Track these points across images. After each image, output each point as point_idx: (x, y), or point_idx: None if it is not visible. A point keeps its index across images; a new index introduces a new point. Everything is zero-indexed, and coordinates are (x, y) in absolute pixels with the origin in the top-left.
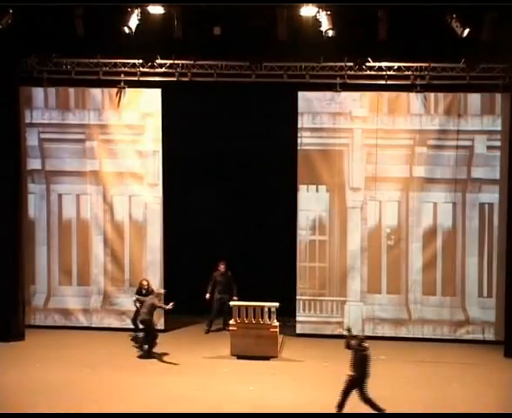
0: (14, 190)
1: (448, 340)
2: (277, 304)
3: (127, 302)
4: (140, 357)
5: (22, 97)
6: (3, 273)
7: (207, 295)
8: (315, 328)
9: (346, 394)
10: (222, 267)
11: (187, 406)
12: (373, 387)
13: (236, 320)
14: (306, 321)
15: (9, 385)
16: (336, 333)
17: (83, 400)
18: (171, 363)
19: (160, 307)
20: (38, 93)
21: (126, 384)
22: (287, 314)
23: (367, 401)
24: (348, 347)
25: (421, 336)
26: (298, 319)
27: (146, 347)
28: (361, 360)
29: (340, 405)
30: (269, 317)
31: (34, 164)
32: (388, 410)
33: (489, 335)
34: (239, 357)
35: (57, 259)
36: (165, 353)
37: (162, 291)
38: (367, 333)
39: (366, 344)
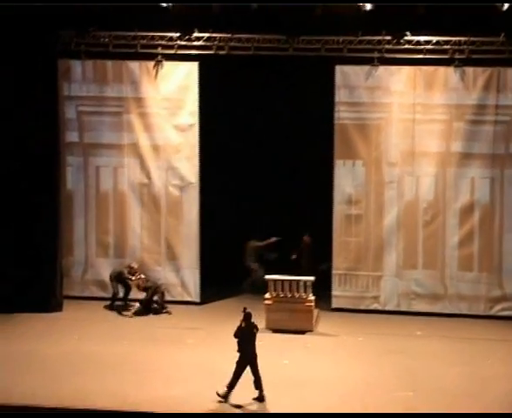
0: (52, 162)
1: (484, 317)
2: (312, 278)
3: (164, 274)
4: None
5: (60, 71)
6: (41, 244)
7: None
8: (351, 303)
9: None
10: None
11: (223, 379)
12: (408, 362)
13: (271, 294)
14: (341, 296)
15: (47, 356)
16: (372, 307)
17: (121, 372)
18: (206, 336)
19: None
20: (76, 66)
21: (163, 357)
22: (323, 289)
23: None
24: (238, 332)
25: (456, 312)
26: (333, 293)
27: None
28: (252, 336)
29: (231, 385)
30: (305, 291)
31: (72, 136)
32: (418, 387)
33: None
34: (274, 331)
35: (95, 232)
36: (201, 327)
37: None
38: (402, 309)
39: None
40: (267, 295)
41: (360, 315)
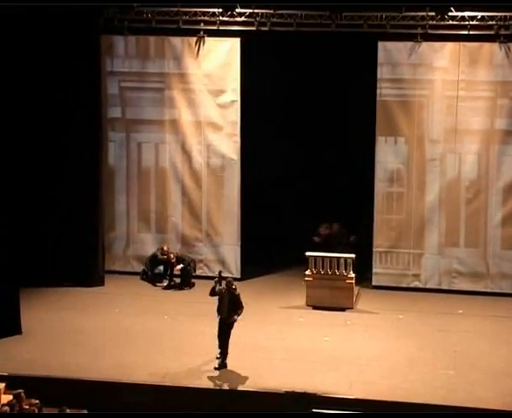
0: (95, 138)
1: None
2: (353, 255)
3: (205, 250)
4: None
5: (103, 46)
6: (84, 219)
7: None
8: (391, 280)
9: (222, 338)
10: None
11: (265, 354)
12: (449, 340)
13: (312, 271)
14: (382, 273)
15: (89, 329)
16: (412, 285)
17: (161, 346)
18: (247, 312)
19: None
20: (119, 42)
21: (204, 332)
22: (364, 266)
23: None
24: (213, 292)
25: (499, 291)
26: (374, 271)
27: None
28: (234, 300)
29: (223, 353)
30: (345, 268)
31: (114, 112)
32: (459, 365)
33: None
34: (315, 307)
35: (136, 207)
36: (244, 302)
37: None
38: (443, 287)
39: (234, 286)
40: (308, 272)
41: (401, 293)
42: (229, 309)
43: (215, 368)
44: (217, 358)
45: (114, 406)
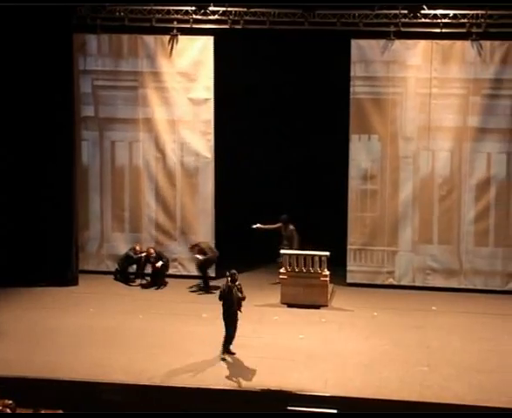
0: (68, 136)
1: (500, 292)
2: (327, 253)
3: (179, 249)
4: None
5: (75, 45)
6: (57, 219)
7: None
8: (366, 278)
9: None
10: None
11: (240, 352)
12: (423, 337)
13: (286, 269)
14: (356, 271)
15: (64, 328)
16: (387, 283)
17: (136, 345)
18: (221, 311)
19: None
20: (92, 40)
21: (178, 331)
22: (338, 264)
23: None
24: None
25: (472, 287)
26: (348, 268)
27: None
28: (235, 293)
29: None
30: (320, 266)
31: (87, 111)
32: (433, 361)
33: None
34: (290, 305)
35: (110, 206)
36: (215, 301)
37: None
38: (417, 284)
39: (237, 280)
40: (282, 270)
41: (375, 290)
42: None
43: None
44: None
45: (90, 405)
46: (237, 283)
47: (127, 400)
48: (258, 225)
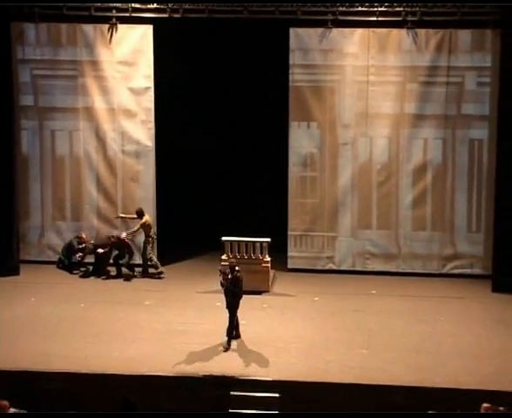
0: (7, 125)
1: (437, 275)
2: (268, 239)
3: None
4: None
5: (13, 34)
6: None
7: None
8: (306, 263)
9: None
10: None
11: (182, 338)
12: (363, 320)
13: (228, 256)
14: (297, 256)
15: (5, 318)
16: (327, 267)
17: (78, 334)
18: (165, 297)
19: None
20: (30, 29)
21: (121, 318)
22: (279, 250)
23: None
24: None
25: (410, 271)
26: (289, 254)
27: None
28: (235, 284)
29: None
30: (261, 252)
31: (27, 100)
32: (373, 344)
33: (477, 270)
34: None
35: (51, 195)
36: (160, 288)
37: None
38: (357, 268)
39: (238, 268)
40: (224, 256)
41: (316, 275)
42: (233, 294)
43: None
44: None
45: (32, 395)
46: (237, 270)
47: (68, 388)
48: (120, 214)
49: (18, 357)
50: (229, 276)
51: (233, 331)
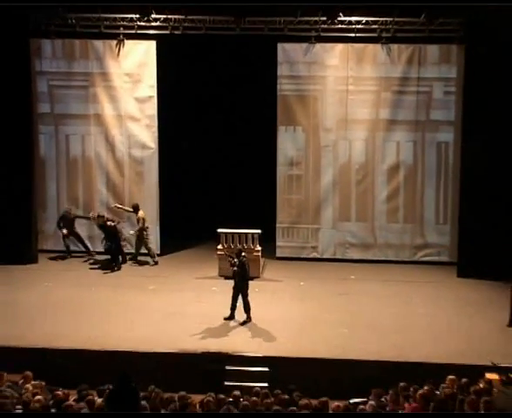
0: (26, 130)
1: (409, 262)
2: (259, 231)
3: (128, 230)
4: None
5: (32, 49)
6: (18, 204)
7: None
8: (293, 252)
9: (235, 299)
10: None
11: (183, 319)
12: (344, 303)
13: (223, 245)
14: (284, 246)
15: (21, 302)
16: (311, 256)
17: (89, 315)
18: (167, 283)
19: None
20: (47, 45)
21: (127, 301)
22: (268, 240)
23: (246, 300)
24: (233, 264)
25: (385, 259)
26: (277, 244)
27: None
28: (242, 267)
29: (233, 308)
30: (252, 242)
31: (44, 108)
32: (354, 323)
33: (444, 257)
34: (226, 278)
35: (65, 192)
36: (162, 274)
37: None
38: (338, 257)
39: (244, 253)
40: (219, 246)
41: (301, 263)
42: (240, 277)
43: (224, 318)
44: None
45: (45, 369)
46: (242, 256)
47: (74, 364)
48: (117, 204)
49: (33, 336)
50: (235, 260)
51: (249, 308)
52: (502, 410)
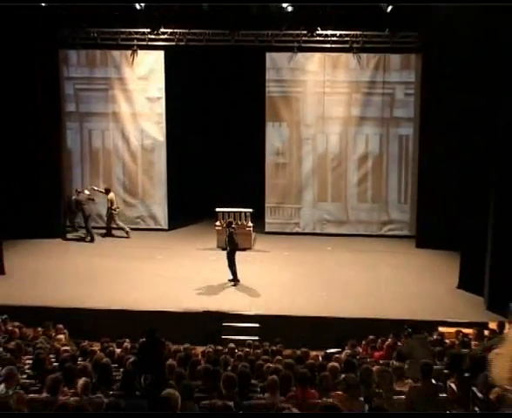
0: (56, 126)
1: (376, 236)
2: (251, 210)
3: (141, 209)
4: None
5: (60, 58)
6: (49, 187)
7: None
8: (279, 228)
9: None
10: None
11: (187, 284)
12: (323, 269)
13: (220, 222)
14: (272, 222)
15: (51, 269)
16: (294, 231)
17: (108, 281)
18: (172, 254)
19: None
20: (73, 54)
21: (139, 270)
22: (258, 217)
23: (233, 267)
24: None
25: (356, 233)
26: (266, 221)
27: None
28: (230, 236)
29: (234, 273)
30: (245, 219)
31: (70, 107)
32: (331, 287)
33: (405, 232)
34: (223, 249)
35: (89, 178)
36: (169, 246)
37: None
38: (317, 231)
39: (233, 225)
40: (217, 223)
41: (286, 237)
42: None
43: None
44: (229, 280)
45: (73, 325)
46: (232, 227)
47: (100, 322)
48: (93, 187)
49: (60, 298)
50: (227, 229)
51: (236, 274)
52: (408, 355)
